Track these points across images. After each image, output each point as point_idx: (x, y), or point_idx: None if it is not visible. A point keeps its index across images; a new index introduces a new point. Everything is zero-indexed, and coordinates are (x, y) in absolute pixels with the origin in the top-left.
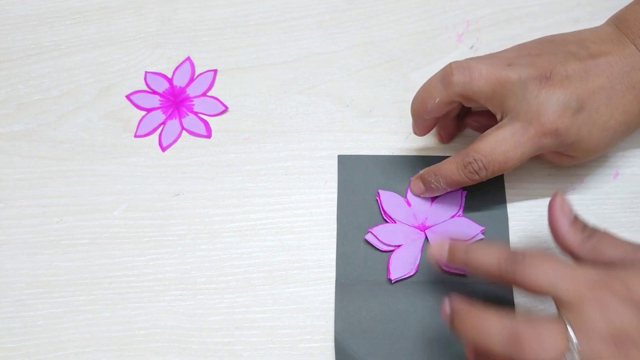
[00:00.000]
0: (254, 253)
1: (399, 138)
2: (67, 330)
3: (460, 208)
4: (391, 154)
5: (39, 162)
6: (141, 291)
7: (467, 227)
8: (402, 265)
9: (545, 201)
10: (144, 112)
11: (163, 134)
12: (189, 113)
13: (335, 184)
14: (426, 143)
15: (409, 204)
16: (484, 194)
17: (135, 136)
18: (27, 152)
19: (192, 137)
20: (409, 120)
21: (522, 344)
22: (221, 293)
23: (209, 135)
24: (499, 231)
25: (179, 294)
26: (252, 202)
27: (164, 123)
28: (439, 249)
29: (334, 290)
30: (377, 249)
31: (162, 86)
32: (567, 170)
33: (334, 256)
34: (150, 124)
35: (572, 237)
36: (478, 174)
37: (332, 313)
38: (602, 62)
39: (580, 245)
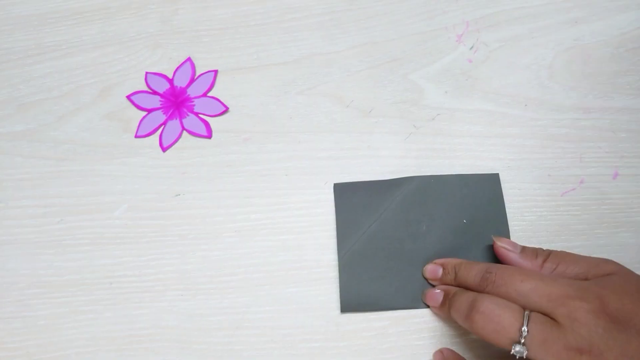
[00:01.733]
0: (255, 253)
1: (399, 138)
2: (68, 330)
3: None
4: (388, 172)
5: (40, 163)
6: (142, 291)
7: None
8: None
9: (546, 201)
10: (144, 113)
11: (164, 134)
12: (189, 113)
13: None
14: (426, 144)
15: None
16: (485, 203)
17: (136, 136)
18: (28, 152)
19: (192, 137)
20: (409, 120)
21: (478, 307)
22: (222, 293)
23: (209, 136)
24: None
25: (179, 294)
26: (252, 202)
27: (164, 123)
28: (433, 270)
29: (334, 290)
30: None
31: (162, 86)
32: (566, 170)
33: (333, 256)
34: (150, 125)
35: (528, 265)
36: (490, 285)
37: (332, 313)
38: None
39: (539, 269)
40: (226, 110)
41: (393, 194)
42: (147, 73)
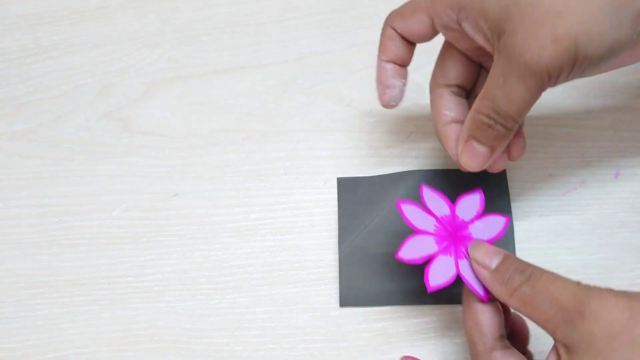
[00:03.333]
0: (254, 253)
1: (399, 138)
2: (66, 330)
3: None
4: (388, 172)
5: (38, 162)
6: (141, 291)
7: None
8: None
9: (547, 201)
10: (411, 231)
11: (432, 268)
12: (467, 257)
13: (336, 184)
14: (426, 143)
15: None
16: (490, 199)
17: (397, 256)
18: (26, 152)
19: (191, 135)
20: (409, 120)
21: None
22: (221, 293)
23: (485, 299)
24: (505, 240)
25: (178, 294)
26: (251, 202)
27: (435, 256)
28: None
29: (334, 290)
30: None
31: (441, 210)
32: (567, 170)
33: (333, 256)
34: (418, 250)
35: (496, 292)
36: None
37: (332, 313)
38: None
39: (509, 297)
40: None
41: (396, 188)
42: (422, 185)
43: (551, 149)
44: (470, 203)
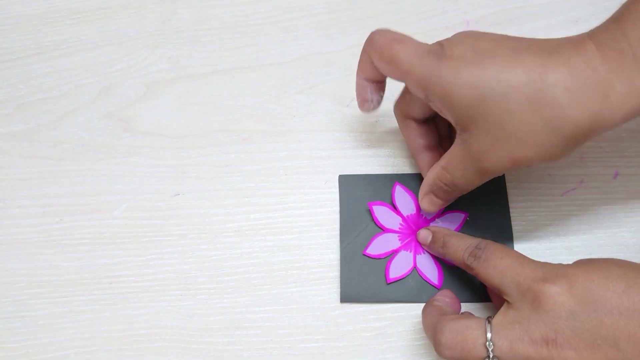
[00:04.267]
0: (254, 253)
1: (399, 138)
2: (67, 330)
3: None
4: (389, 173)
5: (39, 162)
6: (141, 291)
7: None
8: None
9: (546, 201)
10: (379, 230)
11: (393, 263)
12: (425, 251)
13: (336, 184)
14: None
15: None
16: (488, 211)
17: (364, 253)
18: (27, 152)
19: (191, 135)
20: None
21: (439, 340)
22: (221, 293)
23: (438, 286)
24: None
25: (179, 294)
26: (252, 202)
27: (396, 251)
28: (425, 236)
29: (334, 290)
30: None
31: (408, 209)
32: (566, 170)
33: (333, 256)
34: (382, 246)
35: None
36: (476, 260)
37: (332, 313)
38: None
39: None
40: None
41: (398, 180)
42: (396, 183)
43: None
44: None
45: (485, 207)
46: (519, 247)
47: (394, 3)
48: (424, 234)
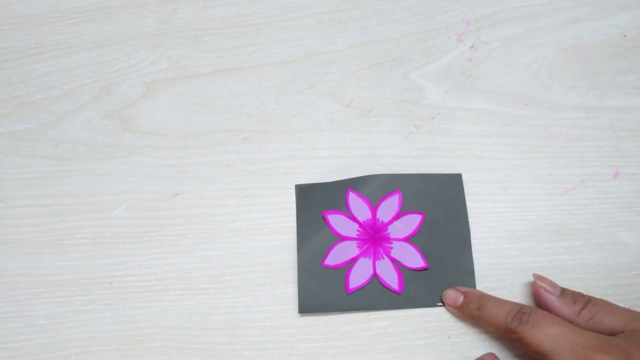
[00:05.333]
0: (254, 253)
1: (399, 138)
2: (67, 330)
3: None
4: (384, 172)
5: (40, 162)
6: (142, 291)
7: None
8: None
9: (546, 200)
10: (337, 239)
11: (353, 271)
12: (384, 257)
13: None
14: (426, 143)
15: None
16: (445, 212)
17: (323, 264)
18: (27, 151)
19: (191, 135)
20: (409, 119)
21: None
22: (221, 293)
23: (399, 292)
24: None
25: (179, 294)
26: (252, 201)
27: (355, 259)
28: (454, 298)
29: None
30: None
31: (364, 214)
32: (566, 170)
33: None
34: (341, 255)
35: (565, 309)
36: (522, 324)
37: (332, 313)
38: None
39: (576, 316)
40: (425, 267)
41: (351, 187)
42: (350, 191)
43: (550, 149)
44: (390, 204)
45: (443, 208)
46: (520, 246)
47: (394, 2)
48: (454, 296)
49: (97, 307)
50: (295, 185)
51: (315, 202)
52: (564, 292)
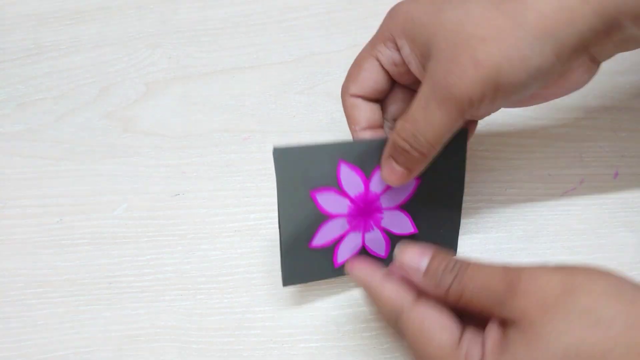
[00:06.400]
0: (254, 253)
1: None
2: (66, 330)
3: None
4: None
5: (39, 162)
6: (141, 291)
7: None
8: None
9: (545, 201)
10: (325, 217)
11: (341, 247)
12: (374, 227)
13: None
14: None
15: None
16: (442, 180)
17: (311, 246)
18: (27, 152)
19: (191, 135)
20: None
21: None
22: (221, 293)
23: (385, 257)
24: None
25: (178, 294)
26: (252, 201)
27: (344, 235)
28: (415, 260)
29: (334, 290)
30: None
31: (356, 188)
32: (566, 170)
33: None
34: (330, 234)
35: (431, 292)
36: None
37: (332, 313)
38: None
39: (443, 297)
40: (414, 232)
41: (343, 157)
42: (341, 162)
43: (550, 149)
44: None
45: (440, 170)
46: (519, 247)
47: (394, 2)
48: (415, 257)
49: (96, 307)
50: (274, 148)
51: (301, 175)
52: (428, 271)
